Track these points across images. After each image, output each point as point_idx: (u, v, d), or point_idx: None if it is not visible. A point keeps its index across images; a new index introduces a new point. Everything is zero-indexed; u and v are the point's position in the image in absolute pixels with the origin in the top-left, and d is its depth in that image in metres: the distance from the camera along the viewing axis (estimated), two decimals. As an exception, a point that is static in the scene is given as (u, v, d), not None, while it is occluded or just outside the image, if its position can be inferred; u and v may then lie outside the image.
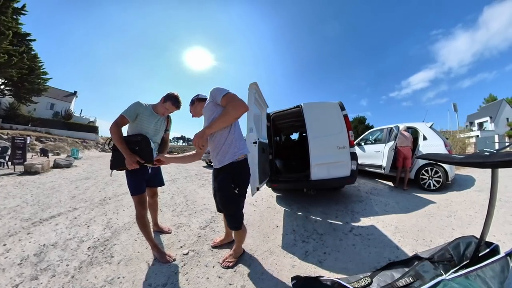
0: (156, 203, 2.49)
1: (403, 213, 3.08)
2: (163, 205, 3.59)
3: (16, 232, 2.58)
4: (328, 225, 2.75)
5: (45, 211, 3.30)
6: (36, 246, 2.28)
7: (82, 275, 1.84)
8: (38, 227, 2.75)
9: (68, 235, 2.52)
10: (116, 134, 1.79)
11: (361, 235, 2.43)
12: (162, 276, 1.80)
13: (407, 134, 4.53)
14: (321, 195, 3.98)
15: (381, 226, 2.66)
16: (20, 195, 4.08)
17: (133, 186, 1.92)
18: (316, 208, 3.36)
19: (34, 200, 3.80)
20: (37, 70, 18.80)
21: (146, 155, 1.87)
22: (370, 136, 5.99)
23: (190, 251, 2.16)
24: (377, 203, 3.56)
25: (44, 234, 2.56)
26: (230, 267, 1.87)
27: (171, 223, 2.88)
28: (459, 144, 8.86)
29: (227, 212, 1.78)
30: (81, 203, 3.69)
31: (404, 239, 2.32)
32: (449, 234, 2.38)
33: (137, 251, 2.18)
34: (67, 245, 2.31)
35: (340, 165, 3.26)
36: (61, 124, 22.20)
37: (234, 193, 1.64)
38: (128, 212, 3.28)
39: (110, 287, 1.70)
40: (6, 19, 14.53)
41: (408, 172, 4.48)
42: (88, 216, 3.12)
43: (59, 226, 2.76)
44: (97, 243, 2.35)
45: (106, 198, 4.02)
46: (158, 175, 2.31)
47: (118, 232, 2.60)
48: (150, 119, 1.97)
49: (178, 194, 4.36)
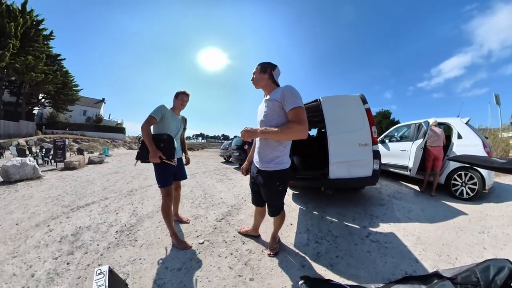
0: (179, 195, 2.67)
1: (428, 223, 2.73)
2: (183, 197, 3.77)
3: (57, 216, 2.94)
4: (344, 227, 2.59)
5: (81, 199, 3.69)
6: (73, 228, 2.58)
7: (109, 254, 2.04)
8: (75, 212, 3.09)
9: (99, 220, 2.80)
10: (145, 131, 2.01)
11: (378, 242, 2.24)
12: (178, 261, 1.92)
13: (438, 131, 3.95)
14: (339, 195, 3.76)
15: (402, 234, 2.42)
16: (61, 187, 4.62)
17: (161, 180, 2.11)
18: (332, 208, 3.18)
19: (73, 191, 4.27)
20: (70, 84, 22.12)
21: (168, 152, 2.06)
22: (396, 132, 5.42)
23: (205, 241, 2.27)
24: (399, 209, 3.23)
25: (80, 218, 2.87)
26: (277, 252, 2.01)
27: (189, 214, 3.02)
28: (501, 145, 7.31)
29: (271, 203, 1.84)
30: (111, 194, 4.05)
31: (425, 252, 2.07)
32: (479, 254, 2.04)
33: (158, 237, 2.34)
34: (99, 228, 2.57)
35: (361, 164, 3.02)
36: (93, 127, 25.22)
37: (278, 190, 1.73)
38: (152, 202, 3.52)
39: (132, 266, 1.86)
40: (38, 45, 17.74)
41: (438, 176, 3.90)
42: (117, 204, 3.42)
43: (93, 212, 3.07)
44: (123, 228, 2.58)
45: (133, 189, 4.35)
46: (182, 170, 2.52)
47: (142, 220, 2.81)
48: (172, 118, 2.24)
49: (198, 187, 4.54)
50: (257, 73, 1.72)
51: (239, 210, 3.17)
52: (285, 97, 1.52)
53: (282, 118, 1.55)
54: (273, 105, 1.58)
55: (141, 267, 1.84)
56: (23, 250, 2.11)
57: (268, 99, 1.64)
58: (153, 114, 2.08)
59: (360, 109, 3.10)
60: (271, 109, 1.59)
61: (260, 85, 1.74)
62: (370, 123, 3.04)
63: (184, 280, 1.69)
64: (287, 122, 1.52)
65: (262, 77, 1.70)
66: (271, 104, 1.59)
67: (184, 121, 2.53)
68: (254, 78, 1.74)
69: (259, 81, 1.72)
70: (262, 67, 1.71)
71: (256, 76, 1.72)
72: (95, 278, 1.28)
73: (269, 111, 1.60)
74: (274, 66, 1.72)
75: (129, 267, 1.84)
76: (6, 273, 1.79)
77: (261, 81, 1.71)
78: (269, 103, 1.62)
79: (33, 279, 1.71)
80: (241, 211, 3.14)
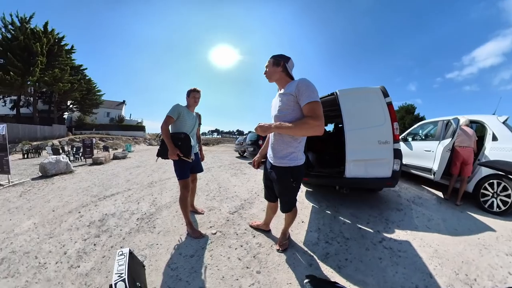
0: (195, 187, 2.80)
1: (449, 235, 2.46)
2: (199, 190, 3.92)
3: (87, 204, 3.24)
4: (356, 230, 2.48)
5: (107, 190, 4.02)
6: (100, 215, 2.84)
7: (130, 238, 2.23)
8: (102, 201, 3.38)
9: (123, 209, 3.03)
10: (165, 131, 2.15)
11: (391, 250, 2.10)
12: (191, 249, 2.03)
13: (469, 130, 3.45)
14: (354, 195, 3.56)
15: (418, 244, 2.23)
16: (90, 179, 5.06)
17: (179, 173, 2.24)
18: (346, 209, 3.05)
19: (100, 183, 4.65)
20: (93, 90, 24.90)
21: (185, 150, 2.18)
22: (420, 130, 4.90)
23: (218, 232, 2.36)
24: (418, 216, 2.96)
25: (106, 206, 3.14)
26: (286, 249, 2.02)
27: (204, 205, 3.14)
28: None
29: (284, 199, 1.82)
30: (133, 185, 4.34)
31: (441, 267, 1.88)
32: (502, 279, 1.79)
33: (174, 225, 2.49)
34: (122, 215, 2.80)
35: (380, 164, 2.81)
36: (116, 127, 27.94)
37: (291, 186, 1.71)
38: (170, 193, 3.71)
39: (150, 250, 2.01)
40: (62, 59, 20.55)
41: (465, 183, 3.39)
42: (138, 195, 3.67)
43: (117, 202, 3.33)
44: (144, 216, 2.77)
45: (153, 182, 4.62)
46: (199, 163, 2.66)
47: (161, 209, 2.99)
48: (188, 116, 2.34)
49: (213, 181, 4.69)
50: (270, 66, 1.67)
51: (252, 204, 3.22)
52: (300, 91, 1.46)
53: (297, 113, 1.50)
54: (287, 100, 1.53)
55: (157, 252, 1.98)
56: (58, 232, 2.38)
57: (282, 93, 1.58)
58: (170, 114, 2.19)
59: (381, 103, 2.85)
60: (285, 103, 1.54)
61: (274, 79, 1.69)
62: (392, 118, 2.80)
63: (195, 266, 1.79)
64: (303, 117, 1.46)
65: (276, 70, 1.64)
66: (286, 98, 1.54)
67: (199, 117, 2.64)
68: (267, 71, 1.69)
69: (272, 74, 1.67)
70: (275, 60, 1.65)
71: (269, 70, 1.67)
72: (117, 258, 1.42)
73: (284, 105, 1.55)
74: (287, 58, 1.66)
75: (147, 250, 2.00)
76: (44, 250, 2.05)
77: (275, 75, 1.66)
78: (283, 97, 1.56)
79: (65, 256, 1.95)
80: (253, 205, 3.19)
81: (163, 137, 2.16)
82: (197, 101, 2.45)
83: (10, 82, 16.13)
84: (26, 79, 17.06)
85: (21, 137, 15.41)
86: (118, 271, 1.32)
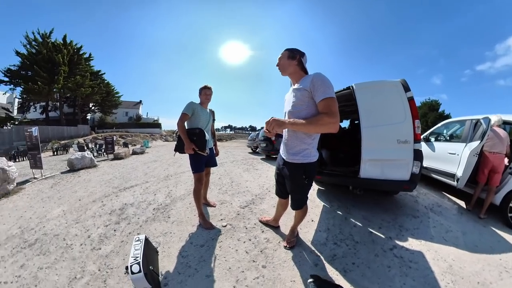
0: (208, 180, 2.90)
1: (467, 251, 2.21)
2: (212, 184, 4.03)
3: (109, 195, 3.50)
4: (367, 234, 2.36)
5: (127, 182, 4.29)
6: (120, 204, 3.05)
7: (146, 226, 2.38)
8: (122, 192, 3.62)
9: (141, 199, 3.22)
10: (181, 127, 2.26)
11: (402, 259, 1.96)
12: (202, 239, 2.12)
13: (502, 133, 2.94)
14: (368, 197, 3.36)
15: (431, 257, 2.03)
16: (111, 173, 5.43)
17: (194, 166, 2.34)
18: (358, 211, 2.90)
19: (120, 176, 4.97)
20: (112, 92, 27.43)
21: (200, 144, 2.27)
22: (445, 129, 4.46)
23: (228, 224, 2.42)
24: (435, 225, 2.70)
25: (126, 197, 3.36)
26: (293, 246, 2.00)
27: (216, 199, 3.23)
28: None
29: (295, 196, 1.80)
30: (151, 178, 4.58)
31: (454, 286, 1.72)
32: None
33: (187, 216, 2.60)
34: (140, 205, 2.98)
35: (398, 165, 2.61)
36: (134, 125, 30.18)
37: (304, 183, 1.68)
38: (184, 186, 3.86)
39: (164, 238, 2.14)
40: (82, 67, 22.86)
41: (493, 194, 2.93)
42: (155, 187, 3.87)
43: (136, 193, 3.55)
44: (159, 206, 2.93)
45: (168, 175, 4.84)
46: (213, 158, 2.74)
47: (175, 201, 3.14)
48: (202, 112, 2.42)
49: (225, 175, 4.79)
50: (284, 59, 1.61)
51: (263, 200, 3.24)
52: (315, 86, 1.40)
53: (312, 108, 1.44)
54: (301, 95, 1.47)
55: (170, 239, 2.10)
56: (83, 219, 2.61)
57: (296, 88, 1.52)
58: (185, 111, 2.29)
59: (401, 98, 2.62)
60: (299, 99, 1.48)
61: (288, 72, 1.63)
62: (413, 115, 2.56)
63: (204, 255, 1.87)
64: (317, 113, 1.41)
65: (291, 63, 1.59)
66: (300, 93, 1.48)
67: (212, 113, 2.71)
68: (280, 63, 1.63)
69: (286, 67, 1.61)
70: (290, 53, 1.59)
71: (283, 62, 1.61)
72: (134, 244, 1.54)
73: (298, 101, 1.49)
74: (302, 53, 1.60)
75: (161, 238, 2.13)
76: (70, 233, 2.27)
77: (289, 68, 1.60)
78: (297, 93, 1.50)
79: (89, 239, 2.15)
80: (264, 201, 3.22)
81: (179, 133, 2.26)
82: (209, 97, 2.50)
83: (38, 91, 18.43)
84: (52, 87, 19.37)
85: (50, 137, 17.35)
86: (134, 254, 1.43)
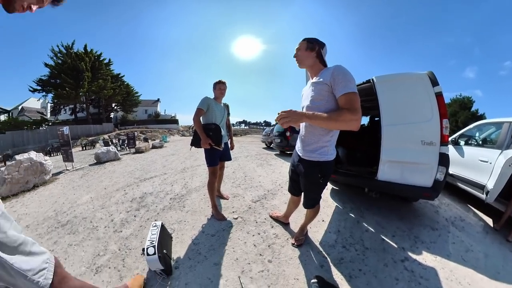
0: (222, 174, 2.99)
1: (486, 276, 1.89)
2: (226, 177, 4.13)
3: (131, 184, 3.76)
4: (379, 241, 2.21)
5: (147, 174, 4.57)
6: (141, 193, 3.27)
7: (163, 214, 2.53)
8: (142, 182, 3.87)
9: (159, 189, 3.43)
10: (197, 123, 2.32)
11: (413, 273, 1.80)
12: (213, 229, 2.20)
13: None
14: (384, 201, 3.12)
15: (445, 276, 1.80)
16: (133, 165, 5.83)
17: (209, 160, 2.42)
18: (372, 215, 2.73)
19: (141, 168, 5.31)
20: (131, 92, 30.26)
21: (216, 139, 2.34)
22: (477, 132, 3.81)
23: (239, 217, 2.48)
24: (455, 242, 2.38)
25: (146, 187, 3.59)
26: (301, 244, 1.97)
27: (229, 192, 3.32)
28: None
29: (308, 195, 1.75)
30: (168, 170, 4.83)
31: None
32: None
33: (201, 207, 2.72)
34: (158, 195, 3.18)
35: (420, 169, 2.35)
36: (153, 121, 32.74)
37: (318, 182, 1.62)
38: (199, 179, 4.02)
39: (178, 225, 2.27)
40: (104, 71, 25.43)
41: None
42: (172, 178, 4.08)
43: (155, 183, 3.77)
44: (176, 196, 3.09)
45: (185, 168, 5.06)
46: (227, 152, 2.80)
47: (191, 192, 3.29)
48: (217, 107, 2.47)
49: (239, 170, 4.88)
50: (302, 50, 1.50)
51: (275, 196, 3.25)
52: (335, 80, 1.30)
53: (332, 104, 1.35)
54: (321, 89, 1.37)
55: (184, 227, 2.22)
56: (108, 205, 2.86)
57: (315, 82, 1.42)
58: (200, 106, 2.33)
59: (428, 93, 2.32)
60: (318, 93, 1.39)
61: (306, 64, 1.52)
62: (441, 114, 2.26)
63: (214, 244, 1.95)
64: (337, 109, 1.31)
65: (309, 55, 1.48)
66: (319, 87, 1.38)
67: (227, 108, 2.77)
68: (298, 55, 1.52)
69: (305, 59, 1.50)
70: (309, 43, 1.48)
71: (302, 54, 1.50)
72: (151, 229, 1.67)
73: (316, 95, 1.40)
74: (322, 44, 1.49)
75: (175, 225, 2.26)
76: (97, 217, 2.51)
77: (308, 60, 1.49)
78: (316, 86, 1.41)
79: (112, 222, 2.36)
80: (276, 196, 3.22)
81: (196, 128, 2.33)
82: (223, 92, 2.53)
83: (67, 95, 21.34)
84: (78, 91, 21.93)
85: (79, 135, 20.04)
86: (151, 238, 1.56)
